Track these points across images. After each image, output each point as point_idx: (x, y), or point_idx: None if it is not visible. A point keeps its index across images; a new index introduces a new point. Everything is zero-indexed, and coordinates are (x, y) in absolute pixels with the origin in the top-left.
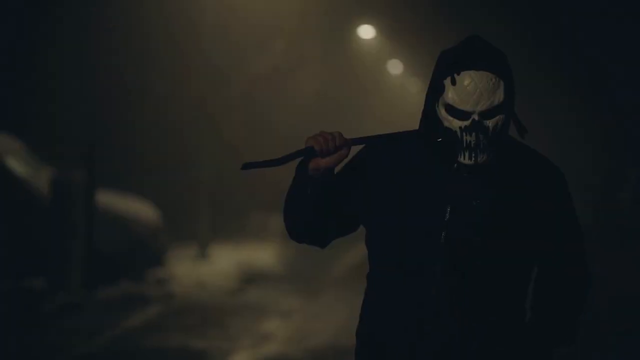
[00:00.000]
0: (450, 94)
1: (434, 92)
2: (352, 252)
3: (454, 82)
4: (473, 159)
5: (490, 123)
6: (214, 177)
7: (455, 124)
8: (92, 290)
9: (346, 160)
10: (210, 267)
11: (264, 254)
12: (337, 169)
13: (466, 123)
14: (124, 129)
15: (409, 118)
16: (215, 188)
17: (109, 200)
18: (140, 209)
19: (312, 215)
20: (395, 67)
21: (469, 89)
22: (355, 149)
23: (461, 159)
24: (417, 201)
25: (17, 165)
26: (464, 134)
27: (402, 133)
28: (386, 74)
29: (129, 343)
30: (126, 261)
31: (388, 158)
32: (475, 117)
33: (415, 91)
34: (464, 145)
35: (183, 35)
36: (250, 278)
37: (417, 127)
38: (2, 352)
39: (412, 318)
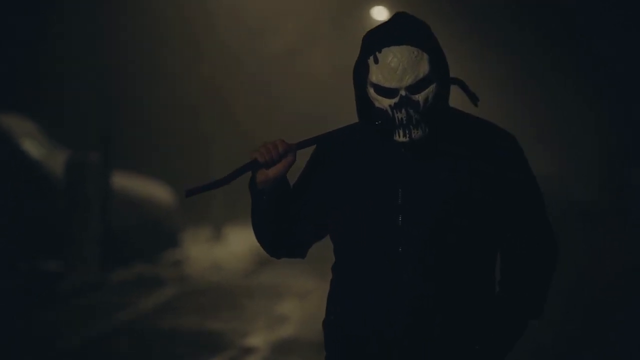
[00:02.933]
0: (375, 74)
1: (360, 74)
2: None
3: (376, 61)
4: (407, 135)
5: (419, 97)
6: (227, 159)
7: (385, 102)
8: (107, 271)
9: (298, 166)
10: (225, 249)
11: None
12: (293, 179)
13: (395, 100)
14: (139, 112)
15: None
16: (229, 169)
17: (124, 181)
18: (154, 191)
19: (276, 229)
20: None
21: (392, 65)
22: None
23: (396, 137)
24: (369, 189)
25: (33, 147)
26: (394, 111)
27: (344, 127)
28: None
29: (144, 324)
30: (141, 243)
31: (337, 153)
32: (403, 92)
33: None
34: (397, 123)
35: (196, 18)
36: (265, 260)
37: None
38: (19, 332)
39: (377, 305)
